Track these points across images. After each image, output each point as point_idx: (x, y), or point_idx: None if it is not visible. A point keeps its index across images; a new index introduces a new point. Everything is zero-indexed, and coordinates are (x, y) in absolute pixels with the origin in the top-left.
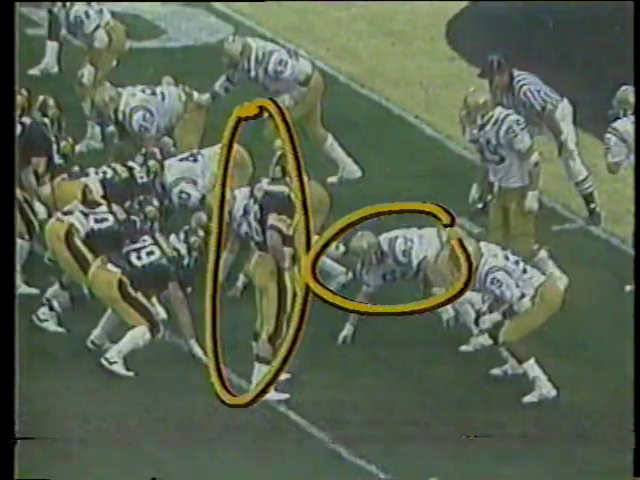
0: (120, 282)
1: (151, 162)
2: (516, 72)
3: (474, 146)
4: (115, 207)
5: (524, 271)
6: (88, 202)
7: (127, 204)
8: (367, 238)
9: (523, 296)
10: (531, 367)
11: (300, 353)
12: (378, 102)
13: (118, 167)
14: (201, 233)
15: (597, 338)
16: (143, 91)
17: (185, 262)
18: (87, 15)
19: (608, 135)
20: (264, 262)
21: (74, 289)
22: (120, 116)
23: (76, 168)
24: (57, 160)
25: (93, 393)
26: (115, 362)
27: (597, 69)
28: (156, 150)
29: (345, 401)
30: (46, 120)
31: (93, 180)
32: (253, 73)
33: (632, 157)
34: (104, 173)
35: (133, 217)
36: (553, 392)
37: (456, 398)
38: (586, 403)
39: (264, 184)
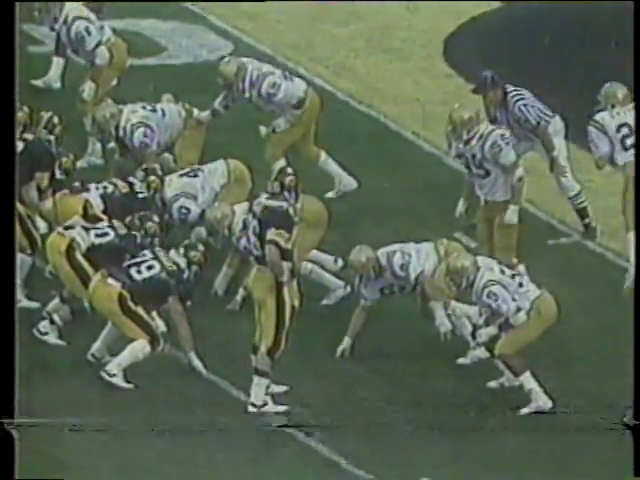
0: (120, 296)
1: (151, 178)
2: (509, 88)
3: (460, 161)
4: (116, 222)
5: (520, 285)
6: (89, 217)
7: (128, 219)
8: (365, 252)
9: (519, 310)
10: (527, 379)
11: (299, 366)
12: (376, 118)
13: (119, 182)
14: (201, 247)
15: (593, 351)
16: (144, 108)
17: (185, 276)
18: (88, 32)
19: (589, 128)
20: (263, 276)
21: (75, 303)
22: (121, 132)
23: (77, 183)
24: (58, 176)
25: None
26: (115, 375)
27: (593, 85)
28: (156, 166)
29: (343, 413)
30: (51, 137)
31: (94, 195)
32: (247, 94)
33: (619, 153)
34: (105, 188)
35: (134, 232)
36: (549, 404)
37: (453, 409)
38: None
39: (263, 199)
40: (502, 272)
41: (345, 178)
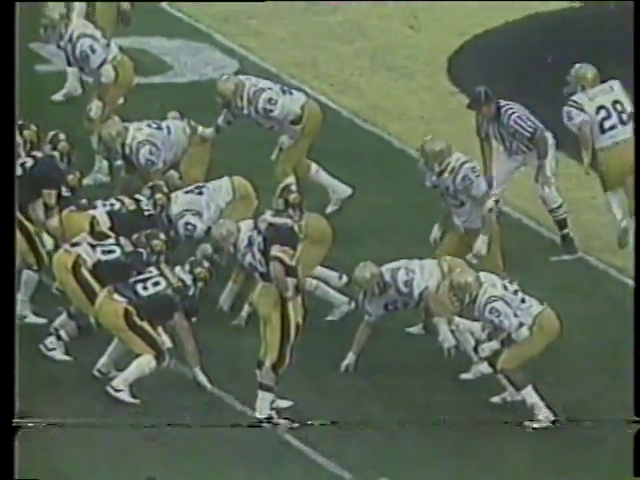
0: (126, 312)
1: (158, 195)
2: (502, 102)
3: (436, 191)
4: (122, 239)
5: (522, 300)
6: (96, 234)
7: (134, 237)
8: (370, 269)
9: (521, 325)
10: (529, 394)
11: (304, 381)
12: (380, 136)
13: (126, 199)
14: (206, 264)
15: (596, 367)
16: (149, 125)
17: (190, 292)
18: (92, 50)
19: (566, 108)
20: (268, 292)
21: (81, 319)
22: (127, 150)
23: (84, 200)
24: (64, 193)
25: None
26: (121, 390)
27: None
28: (162, 183)
29: (347, 427)
30: (55, 153)
31: (101, 212)
32: (246, 111)
33: (597, 136)
34: (112, 205)
35: (140, 249)
36: (551, 418)
37: (457, 424)
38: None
39: (267, 216)
40: (505, 288)
41: (338, 187)
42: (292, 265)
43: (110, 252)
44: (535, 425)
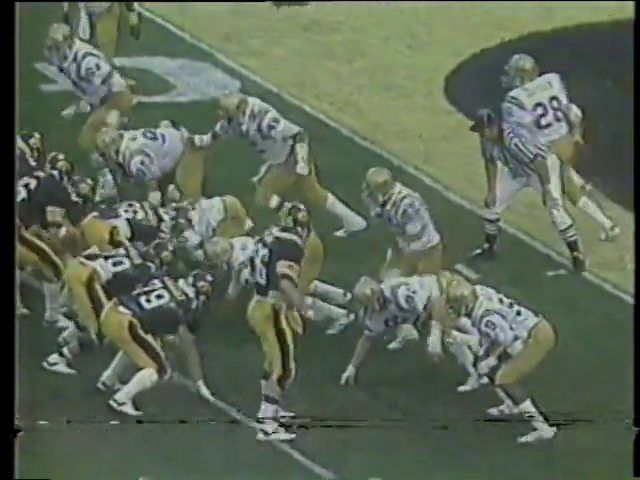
0: (131, 324)
1: (182, 220)
2: (505, 125)
3: (380, 220)
4: (132, 251)
5: (518, 313)
6: (115, 242)
7: (143, 249)
8: (370, 285)
9: (516, 338)
10: (527, 408)
11: (304, 393)
12: (379, 154)
13: (149, 210)
14: (209, 278)
15: (592, 381)
16: (144, 135)
17: (193, 306)
18: (98, 67)
19: (505, 104)
20: (261, 307)
21: (87, 333)
22: (120, 158)
23: (103, 207)
24: (74, 199)
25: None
26: (124, 403)
27: (592, 121)
28: (189, 207)
29: (348, 439)
30: (54, 172)
31: (122, 222)
32: (245, 127)
33: (534, 132)
34: (135, 212)
35: (148, 263)
36: (550, 432)
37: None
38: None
39: (274, 230)
40: (500, 301)
41: (353, 218)
42: (296, 281)
43: (119, 264)
44: (531, 439)
